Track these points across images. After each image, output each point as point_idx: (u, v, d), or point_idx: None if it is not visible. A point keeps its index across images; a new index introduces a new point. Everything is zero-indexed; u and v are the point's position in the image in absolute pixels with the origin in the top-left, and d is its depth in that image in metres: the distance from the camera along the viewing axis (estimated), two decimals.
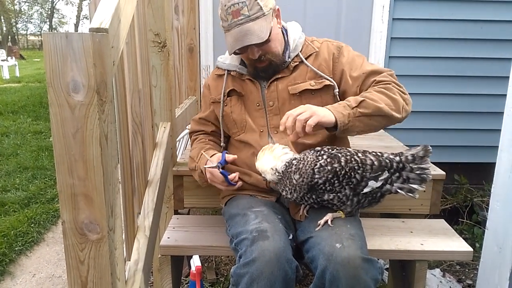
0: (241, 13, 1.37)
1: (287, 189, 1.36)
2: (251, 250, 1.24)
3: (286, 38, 1.55)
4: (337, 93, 1.51)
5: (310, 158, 1.34)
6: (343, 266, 1.18)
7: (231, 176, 1.47)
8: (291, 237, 1.36)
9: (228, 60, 1.63)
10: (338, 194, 1.33)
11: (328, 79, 1.50)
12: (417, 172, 1.37)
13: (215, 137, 1.70)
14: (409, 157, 1.38)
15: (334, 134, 1.41)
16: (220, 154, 1.51)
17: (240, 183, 1.50)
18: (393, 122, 1.43)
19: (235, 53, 1.48)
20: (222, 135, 1.67)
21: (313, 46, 1.56)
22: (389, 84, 1.46)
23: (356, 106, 1.35)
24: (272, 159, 1.38)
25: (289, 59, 1.54)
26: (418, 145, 1.42)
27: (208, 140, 1.67)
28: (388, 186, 1.37)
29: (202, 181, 1.60)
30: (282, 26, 1.57)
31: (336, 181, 1.31)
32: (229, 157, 1.49)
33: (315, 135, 1.47)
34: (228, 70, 1.61)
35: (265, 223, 1.33)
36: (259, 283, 1.19)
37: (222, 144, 1.68)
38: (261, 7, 1.38)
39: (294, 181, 1.33)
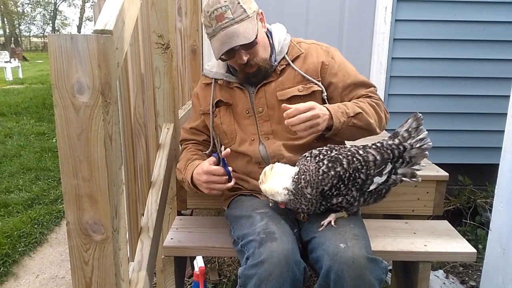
0: (225, 16, 1.38)
1: (303, 206, 1.33)
2: (260, 252, 1.23)
3: (271, 41, 1.54)
4: (325, 97, 1.53)
5: (312, 166, 1.32)
6: (348, 266, 1.18)
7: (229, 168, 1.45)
8: (295, 231, 1.36)
9: (215, 68, 1.62)
10: (346, 196, 1.32)
11: (316, 84, 1.51)
12: (417, 146, 1.36)
13: (206, 146, 1.70)
14: (405, 135, 1.37)
15: (322, 135, 1.44)
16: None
17: (233, 182, 1.48)
18: (370, 136, 1.51)
19: (222, 59, 1.48)
20: (211, 145, 1.67)
21: (299, 48, 1.56)
22: (379, 101, 1.51)
23: (352, 116, 1.38)
24: (279, 178, 1.34)
25: (276, 63, 1.53)
26: (408, 119, 1.40)
27: (196, 150, 1.67)
28: (393, 177, 1.35)
29: (192, 192, 1.59)
30: (267, 28, 1.56)
31: (342, 185, 1.30)
32: (227, 151, 1.45)
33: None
34: (215, 79, 1.61)
35: (272, 225, 1.32)
36: (268, 284, 1.19)
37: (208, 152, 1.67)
38: (244, 9, 1.39)
39: (308, 195, 1.31)
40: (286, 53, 1.55)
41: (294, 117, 1.30)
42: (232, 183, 1.46)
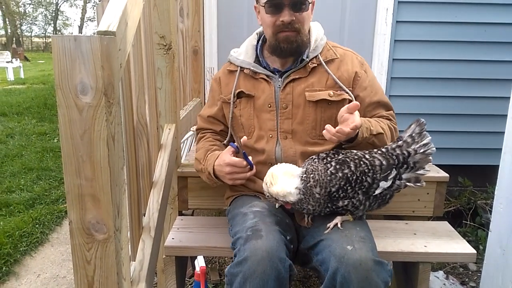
0: None
1: (310, 206, 1.33)
2: (244, 249, 1.24)
3: (308, 37, 1.52)
4: None
5: (321, 167, 1.32)
6: (355, 268, 1.17)
7: (249, 157, 1.45)
8: (288, 238, 1.35)
9: (242, 55, 1.59)
10: (352, 199, 1.33)
11: (348, 93, 1.49)
12: (421, 151, 1.36)
13: (223, 136, 1.67)
14: (409, 140, 1.38)
15: (340, 144, 1.45)
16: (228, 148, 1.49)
17: (254, 169, 1.48)
18: None
19: (266, 10, 1.44)
20: (228, 136, 1.64)
21: (335, 52, 1.55)
22: (396, 125, 1.54)
23: (374, 135, 1.40)
24: (289, 178, 1.34)
25: (307, 59, 1.51)
26: (411, 124, 1.42)
27: (214, 140, 1.64)
28: (397, 183, 1.36)
29: (211, 182, 1.57)
30: None
31: (349, 187, 1.31)
32: (244, 140, 1.46)
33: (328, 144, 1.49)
34: (241, 67, 1.58)
35: (261, 223, 1.33)
36: (252, 282, 1.19)
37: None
38: None
39: (317, 195, 1.31)
40: (320, 53, 1.53)
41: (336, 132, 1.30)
42: (254, 170, 1.47)
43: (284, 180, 1.33)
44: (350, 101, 1.48)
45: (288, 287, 1.24)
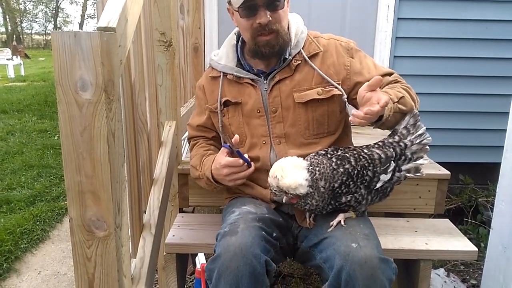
0: None
1: (314, 201, 1.30)
2: (218, 245, 1.24)
3: (288, 34, 1.44)
4: (345, 99, 1.44)
5: (325, 160, 1.31)
6: (360, 266, 1.16)
7: (245, 155, 1.41)
8: (274, 235, 1.33)
9: (223, 60, 1.51)
10: (355, 194, 1.32)
11: (336, 87, 1.43)
12: (417, 141, 1.36)
13: (216, 142, 1.61)
14: (404, 132, 1.38)
15: (338, 141, 1.44)
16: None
17: (252, 167, 1.43)
18: None
19: (240, 14, 1.37)
20: (222, 142, 1.57)
21: (318, 45, 1.47)
22: (407, 84, 1.46)
23: (396, 101, 1.31)
24: (298, 170, 1.30)
25: (290, 57, 1.44)
26: (405, 116, 1.39)
27: (208, 145, 1.59)
28: (397, 175, 1.35)
29: (211, 188, 1.52)
30: None
31: (351, 182, 1.30)
32: (236, 138, 1.40)
33: (324, 143, 1.47)
34: (223, 72, 1.50)
35: (241, 220, 1.31)
36: (226, 278, 1.18)
37: None
38: None
39: (322, 189, 1.29)
40: (302, 48, 1.45)
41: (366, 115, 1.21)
42: (252, 167, 1.42)
43: (294, 172, 1.29)
44: (340, 95, 1.43)
45: (266, 282, 1.22)
